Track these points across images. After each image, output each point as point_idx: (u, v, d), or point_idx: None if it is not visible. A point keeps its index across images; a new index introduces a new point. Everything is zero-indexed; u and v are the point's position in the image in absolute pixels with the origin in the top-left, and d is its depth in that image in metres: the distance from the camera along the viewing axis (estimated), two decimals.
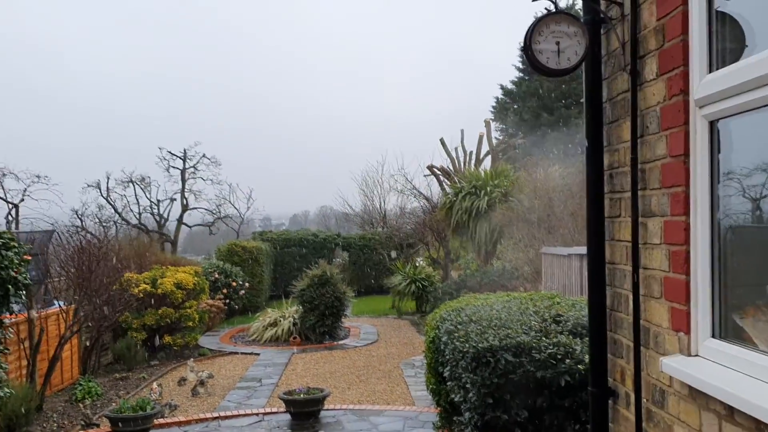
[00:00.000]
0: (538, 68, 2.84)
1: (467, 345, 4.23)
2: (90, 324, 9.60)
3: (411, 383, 9.15)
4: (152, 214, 20.36)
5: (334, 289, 12.31)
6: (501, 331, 4.24)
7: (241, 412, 7.86)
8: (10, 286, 4.11)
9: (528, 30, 2.62)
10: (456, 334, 4.62)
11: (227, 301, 13.94)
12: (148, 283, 10.78)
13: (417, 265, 17.33)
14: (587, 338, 3.25)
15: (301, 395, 7.29)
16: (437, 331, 5.33)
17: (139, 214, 19.86)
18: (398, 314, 16.15)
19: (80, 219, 18.61)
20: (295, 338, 12.33)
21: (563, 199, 10.59)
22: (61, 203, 18.78)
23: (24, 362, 8.20)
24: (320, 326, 12.21)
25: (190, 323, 11.22)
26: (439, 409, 6.07)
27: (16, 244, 4.34)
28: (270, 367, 10.61)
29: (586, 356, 3.40)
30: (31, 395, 7.42)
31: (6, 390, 4.42)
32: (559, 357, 3.90)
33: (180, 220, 20.26)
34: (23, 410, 6.93)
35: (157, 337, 10.94)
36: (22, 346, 8.05)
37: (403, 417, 7.26)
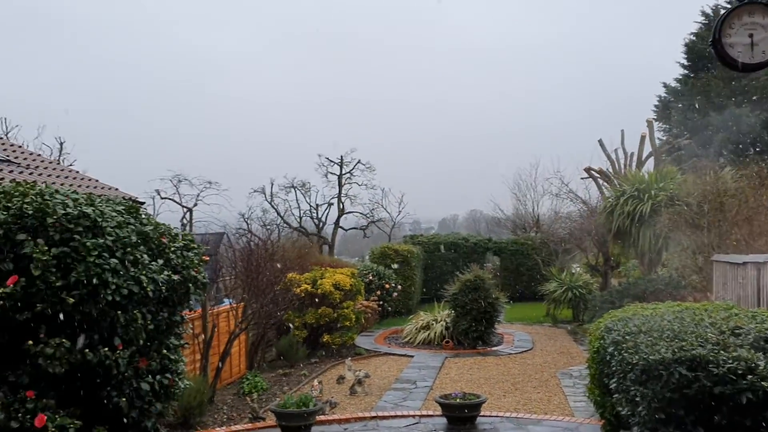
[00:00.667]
0: (728, 63, 2.64)
1: (637, 357, 4.15)
2: (256, 321, 9.75)
3: (569, 393, 8.79)
4: (311, 217, 21.44)
5: (486, 294, 12.04)
6: (674, 343, 4.06)
7: (398, 413, 8.00)
8: (190, 285, 4.47)
9: (717, 22, 2.44)
10: (624, 345, 4.54)
11: (381, 302, 14.27)
12: (308, 284, 11.15)
13: (573, 272, 16.39)
14: None
15: (458, 399, 7.25)
16: (602, 341, 5.26)
17: (300, 217, 20.87)
18: (553, 322, 15.52)
19: (246, 222, 19.67)
20: (447, 342, 12.25)
21: (736, 203, 9.80)
22: (230, 207, 20.34)
23: (197, 356, 8.53)
24: (472, 331, 11.98)
25: (347, 323, 11.45)
26: (602, 421, 5.97)
27: (196, 246, 4.76)
28: (424, 369, 10.77)
29: None
30: (204, 388, 7.70)
31: (186, 382, 4.73)
32: (740, 372, 3.60)
33: (337, 224, 20.95)
34: (197, 402, 7.17)
35: (317, 336, 11.21)
36: (196, 341, 8.37)
37: (562, 428, 7.00)
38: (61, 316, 3.62)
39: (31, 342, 3.58)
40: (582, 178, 19.02)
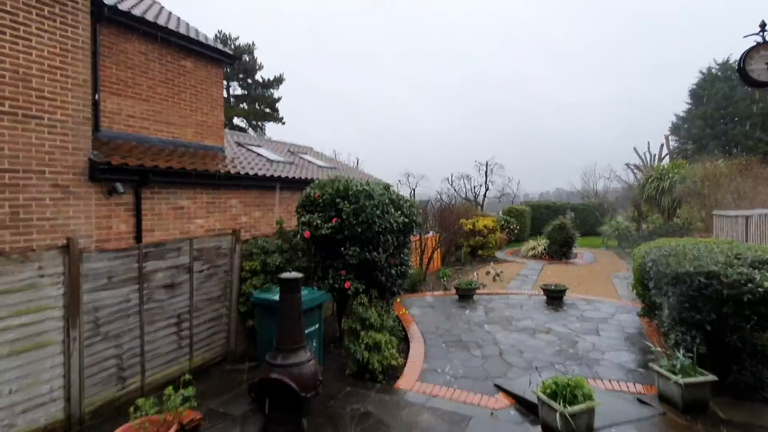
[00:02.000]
0: (750, 82, 3.24)
1: (669, 269, 4.60)
2: (445, 243, 14.04)
3: (618, 286, 10.86)
4: (472, 192, 32.15)
5: (567, 231, 16.34)
6: (695, 261, 4.42)
7: (519, 291, 10.27)
8: (413, 224, 6.42)
9: (741, 56, 2.94)
10: (660, 262, 5.03)
11: (508, 235, 20.77)
12: (470, 225, 15.97)
13: (618, 220, 21.92)
14: (765, 270, 3.95)
15: (552, 287, 9.21)
16: (643, 259, 5.95)
17: (465, 192, 31.63)
18: (606, 248, 20.46)
19: (439, 195, 28.39)
20: (545, 256, 16.72)
21: (726, 180, 12.44)
22: (431, 187, 32.49)
23: (416, 258, 11.93)
24: (559, 251, 16.35)
25: (491, 244, 16.61)
26: (642, 304, 6.82)
27: (415, 206, 6.72)
28: (532, 270, 13.95)
29: (765, 282, 3.82)
30: (420, 274, 11.10)
31: (412, 270, 6.96)
32: (742, 282, 3.95)
33: (484, 196, 31.90)
34: (418, 280, 10.49)
35: (476, 250, 16.41)
36: (417, 251, 12.04)
37: (615, 306, 8.55)
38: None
39: (342, 249, 5.78)
40: (624, 169, 27.23)
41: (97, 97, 6.23)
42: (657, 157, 25.12)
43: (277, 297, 4.68)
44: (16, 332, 3.83)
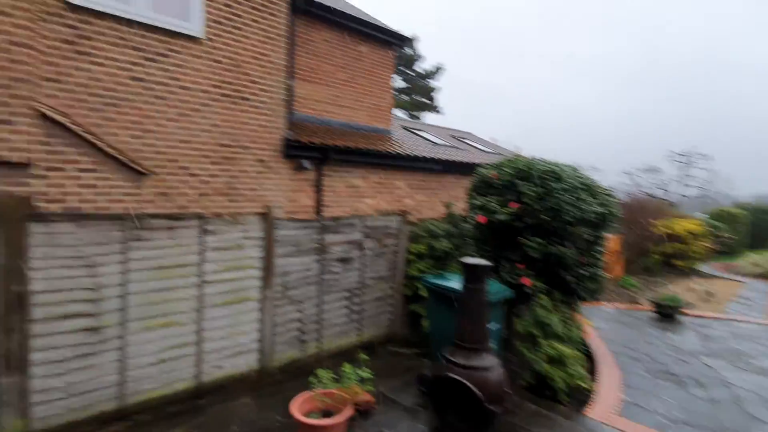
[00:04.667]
0: None
1: None
2: (629, 246, 12.02)
3: None
4: (662, 190, 25.93)
5: None
6: None
7: (750, 319, 7.85)
8: (609, 216, 5.17)
9: None
10: None
11: (717, 245, 15.31)
12: (665, 227, 13.01)
13: None
14: None
15: None
16: None
17: (653, 188, 25.81)
18: None
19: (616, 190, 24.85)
20: None
21: None
22: (603, 180, 27.07)
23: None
24: None
25: (694, 254, 13.05)
26: None
27: (613, 195, 5.51)
28: (758, 293, 10.76)
29: None
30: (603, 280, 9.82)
31: (603, 274, 5.58)
32: None
33: (679, 193, 25.43)
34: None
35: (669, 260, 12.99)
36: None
37: None
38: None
39: (520, 239, 4.92)
40: None
41: (291, 82, 6.79)
42: None
43: (453, 284, 4.21)
44: (227, 285, 4.27)
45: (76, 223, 3.50)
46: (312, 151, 6.02)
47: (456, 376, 3.23)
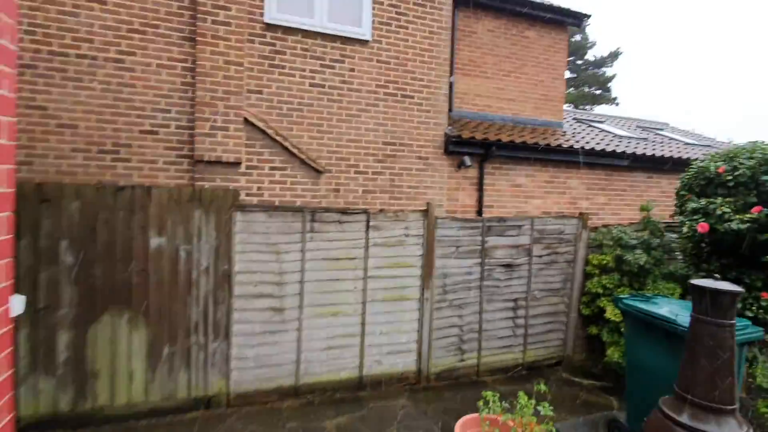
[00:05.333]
0: None
1: None
2: None
3: None
4: None
5: None
6: None
7: None
8: None
9: None
10: None
11: None
12: None
13: None
14: None
15: None
16: None
17: None
18: None
19: None
20: None
21: None
22: None
23: None
24: None
25: None
26: None
27: None
28: None
29: None
30: None
31: None
32: None
33: None
34: None
35: None
36: None
37: None
38: None
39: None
40: None
41: (452, 78, 6.57)
42: None
43: (665, 311, 3.25)
44: (388, 282, 4.24)
45: (268, 214, 3.92)
46: (473, 146, 5.67)
47: None
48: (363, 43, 5.12)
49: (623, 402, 4.10)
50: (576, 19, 7.43)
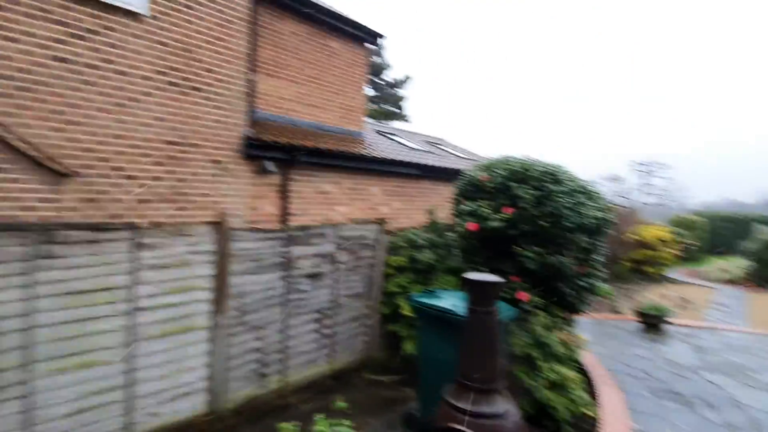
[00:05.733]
0: None
1: None
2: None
3: None
4: (624, 198, 26.21)
5: None
6: None
7: (732, 328, 7.69)
8: (605, 221, 4.59)
9: None
10: None
11: (681, 252, 15.62)
12: (634, 234, 13.06)
13: None
14: None
15: None
16: None
17: (615, 197, 25.30)
18: None
19: None
20: (745, 282, 12.95)
21: None
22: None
23: None
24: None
25: (663, 261, 13.12)
26: None
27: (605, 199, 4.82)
28: (730, 297, 10.92)
29: None
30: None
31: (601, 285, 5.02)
32: None
33: (641, 201, 25.76)
34: None
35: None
36: None
37: None
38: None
39: (517, 248, 4.33)
40: None
41: (253, 76, 6.05)
42: None
43: (450, 305, 3.58)
44: (167, 312, 3.46)
45: None
46: (277, 151, 5.30)
47: (464, 429, 2.59)
48: (134, 16, 4.11)
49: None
50: (372, 37, 7.94)
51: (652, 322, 7.36)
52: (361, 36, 7.74)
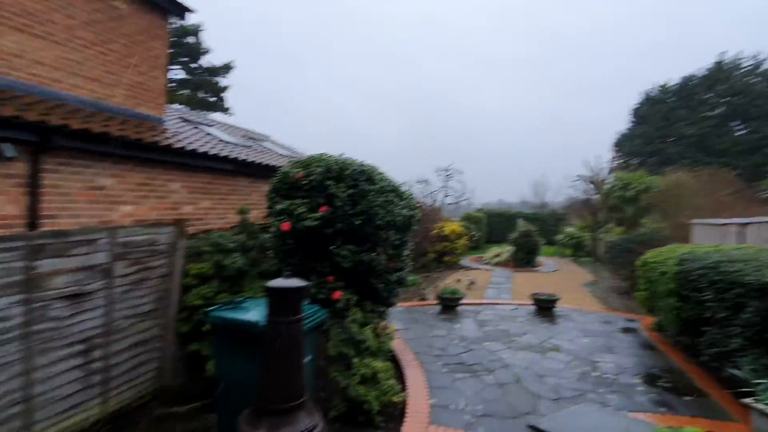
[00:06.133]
0: None
1: (749, 278, 3.92)
2: (412, 249, 14.02)
3: (593, 295, 10.34)
4: (431, 198, 30.18)
5: (533, 238, 16.07)
6: None
7: (506, 301, 9.33)
8: (413, 219, 4.93)
9: None
10: (724, 268, 4.37)
11: (469, 242, 18.91)
12: (438, 229, 15.18)
13: (569, 229, 21.76)
14: None
15: (544, 296, 8.50)
16: (682, 266, 5.28)
17: (424, 197, 29.18)
18: (560, 256, 20.17)
19: None
20: (510, 264, 16.17)
21: (689, 194, 12.79)
22: None
23: None
24: (524, 259, 15.93)
25: (458, 251, 15.56)
26: (652, 318, 6.85)
27: (413, 197, 5.09)
28: (502, 278, 13.30)
29: None
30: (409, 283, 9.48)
31: (410, 278, 6.06)
32: None
33: (443, 201, 30.70)
34: None
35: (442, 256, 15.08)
36: None
37: (609, 317, 7.95)
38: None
39: (332, 247, 4.28)
40: (574, 181, 26.88)
41: None
42: (606, 170, 26.11)
43: (253, 316, 3.19)
44: None
45: None
46: (22, 131, 3.92)
47: None
48: None
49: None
50: (177, 8, 6.82)
51: (450, 305, 8.41)
52: (162, 4, 6.53)
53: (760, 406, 3.29)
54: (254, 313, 3.39)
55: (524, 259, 16.38)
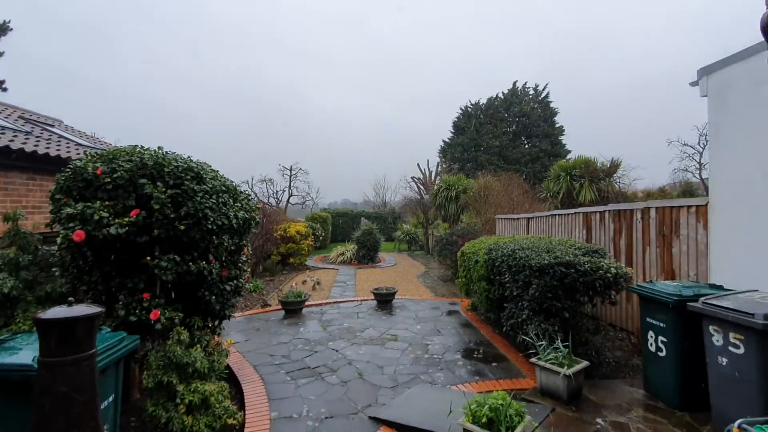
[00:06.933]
0: None
1: (533, 262, 4.66)
2: (255, 251, 12.67)
3: (425, 286, 11.44)
4: (275, 198, 29.99)
5: (374, 236, 17.12)
6: (551, 254, 4.69)
7: (346, 299, 9.52)
8: (252, 222, 4.66)
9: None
10: (515, 256, 5.13)
11: (314, 242, 19.00)
12: (281, 230, 14.73)
13: (406, 226, 24.49)
14: (594, 257, 4.45)
15: (383, 290, 9.04)
16: (489, 255, 6.06)
17: (268, 198, 29.26)
18: (398, 251, 22.39)
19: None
20: (354, 261, 16.98)
21: (495, 194, 15.27)
22: None
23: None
24: (366, 256, 16.89)
25: (303, 252, 15.30)
26: (456, 299, 8.09)
27: (251, 199, 4.98)
28: (347, 275, 13.72)
29: (611, 268, 4.29)
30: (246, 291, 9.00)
31: (248, 285, 5.69)
32: (593, 270, 4.32)
33: (288, 201, 30.08)
34: None
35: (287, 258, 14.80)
36: None
37: (436, 303, 8.90)
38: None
39: (149, 258, 3.69)
40: (408, 182, 32.68)
41: None
42: (435, 173, 30.00)
43: (28, 359, 2.43)
44: None
45: None
46: None
47: None
48: None
49: None
50: None
51: (294, 308, 8.16)
52: None
53: (541, 362, 4.14)
54: (26, 353, 2.59)
55: (367, 256, 17.36)
